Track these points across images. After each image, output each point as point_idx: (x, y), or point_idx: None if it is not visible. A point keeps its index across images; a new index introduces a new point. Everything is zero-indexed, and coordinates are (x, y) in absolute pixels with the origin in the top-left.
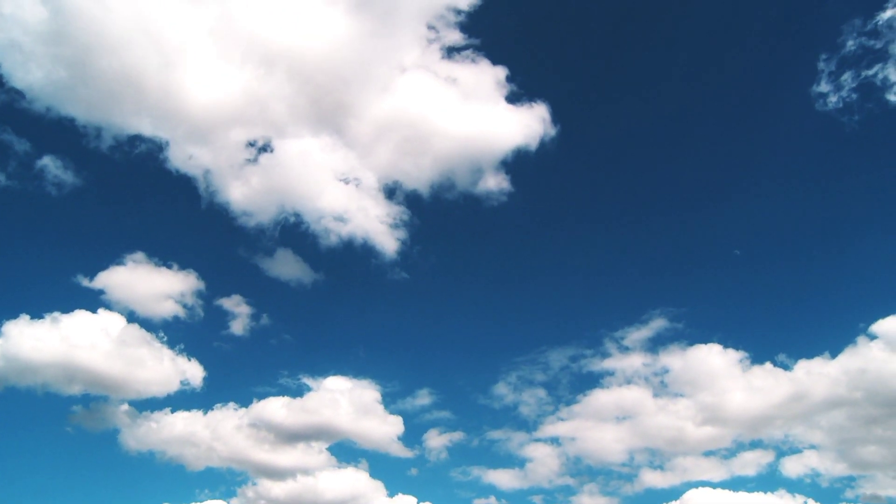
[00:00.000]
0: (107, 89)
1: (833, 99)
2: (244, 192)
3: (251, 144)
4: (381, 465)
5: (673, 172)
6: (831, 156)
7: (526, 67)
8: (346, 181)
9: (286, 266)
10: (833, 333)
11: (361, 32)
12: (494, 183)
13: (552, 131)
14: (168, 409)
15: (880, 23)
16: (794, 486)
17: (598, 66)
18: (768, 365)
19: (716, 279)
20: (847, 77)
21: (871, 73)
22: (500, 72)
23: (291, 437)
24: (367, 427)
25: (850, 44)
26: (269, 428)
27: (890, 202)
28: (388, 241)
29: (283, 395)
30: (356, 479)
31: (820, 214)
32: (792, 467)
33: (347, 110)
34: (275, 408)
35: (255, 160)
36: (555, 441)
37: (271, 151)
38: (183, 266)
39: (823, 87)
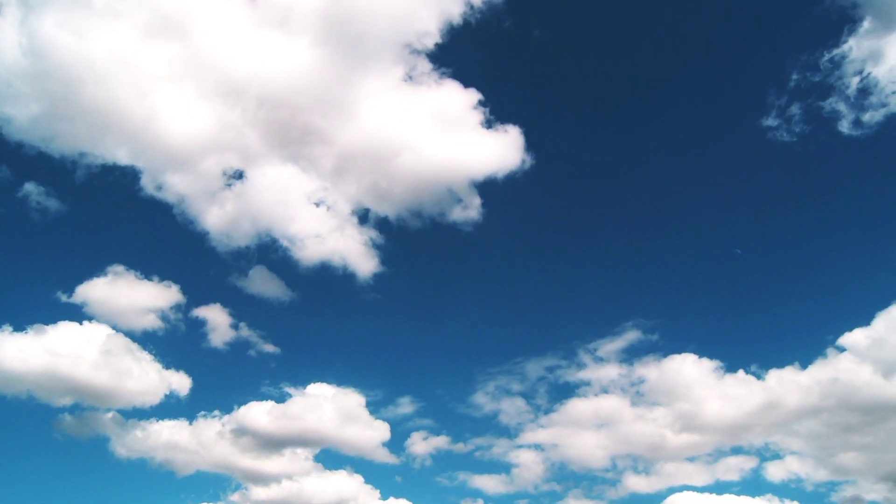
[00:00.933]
0: (84, 120)
1: (784, 131)
2: (220, 217)
3: (225, 172)
4: (366, 472)
5: (642, 193)
6: (798, 179)
7: (498, 93)
8: (319, 205)
9: (264, 285)
10: (802, 345)
11: (331, 60)
12: (468, 204)
13: (524, 154)
14: (154, 419)
15: (826, 59)
16: (778, 490)
17: (568, 93)
18: (741, 373)
19: (687, 293)
20: (795, 109)
21: (820, 105)
22: (473, 97)
23: (277, 443)
24: (352, 433)
25: (798, 78)
26: (255, 435)
27: (849, 224)
28: (362, 263)
29: (267, 403)
30: (344, 483)
31: (788, 234)
32: (775, 472)
33: (318, 137)
34: (259, 415)
35: (229, 186)
36: (538, 447)
37: (244, 179)
38: (163, 278)
39: (772, 121)
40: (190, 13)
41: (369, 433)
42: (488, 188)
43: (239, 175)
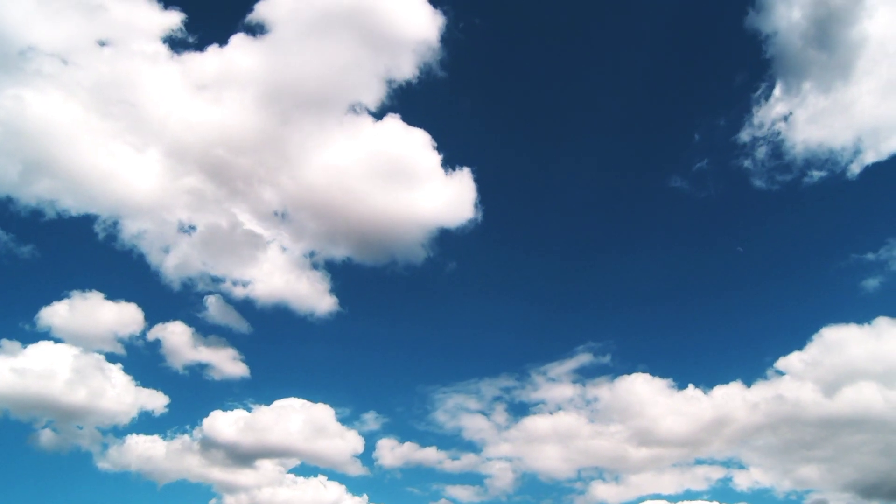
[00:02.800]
0: (50, 175)
1: (708, 182)
2: (175, 262)
3: (179, 221)
4: (339, 482)
5: (586, 228)
6: (735, 220)
7: (450, 137)
8: (270, 247)
9: (224, 317)
10: (746, 366)
11: (277, 113)
12: (420, 244)
13: (475, 194)
14: (130, 434)
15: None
16: (749, 498)
17: (514, 138)
18: (690, 390)
19: (633, 318)
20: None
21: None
22: (425, 140)
23: (250, 455)
24: (324, 445)
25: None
26: (227, 447)
27: (780, 258)
28: (316, 302)
29: (237, 416)
30: (318, 493)
31: (724, 266)
32: (742, 482)
33: (267, 185)
34: (230, 428)
35: (186, 231)
36: (507, 459)
37: (194, 229)
38: (129, 300)
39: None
40: (138, 78)
41: (341, 445)
42: (439, 230)
43: (191, 227)
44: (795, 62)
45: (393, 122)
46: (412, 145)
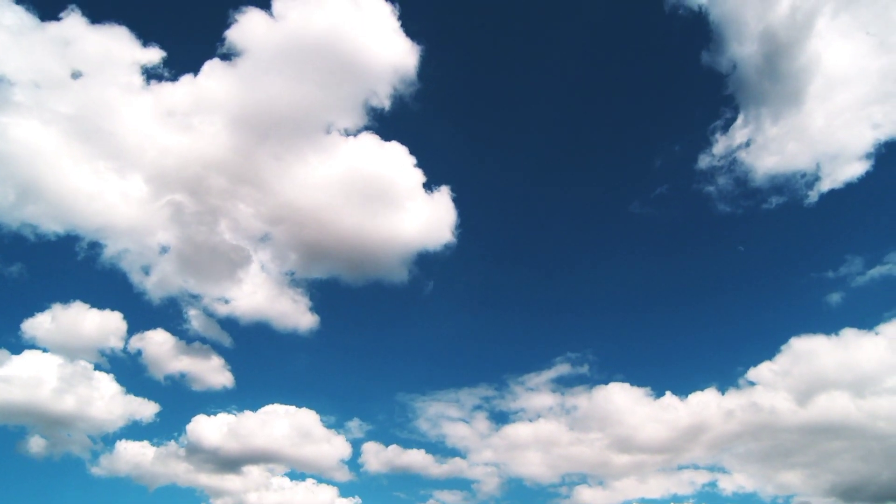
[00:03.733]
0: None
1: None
2: (156, 279)
3: (160, 243)
4: (327, 487)
5: (562, 244)
6: (702, 238)
7: (429, 157)
8: (251, 268)
9: (207, 330)
10: (720, 375)
11: (258, 133)
12: (398, 263)
13: (454, 214)
14: (119, 440)
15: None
16: (735, 502)
17: (492, 158)
18: (668, 399)
19: (610, 329)
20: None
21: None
22: (404, 160)
23: (238, 460)
24: (311, 451)
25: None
26: (215, 453)
27: (749, 276)
28: (298, 318)
29: (225, 423)
30: (307, 496)
31: (697, 278)
32: (726, 487)
33: (249, 203)
34: (217, 434)
35: (163, 253)
36: (493, 465)
37: (173, 250)
38: (113, 308)
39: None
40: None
41: (328, 450)
42: (419, 250)
43: (164, 249)
44: (752, 93)
45: (370, 142)
46: (390, 165)
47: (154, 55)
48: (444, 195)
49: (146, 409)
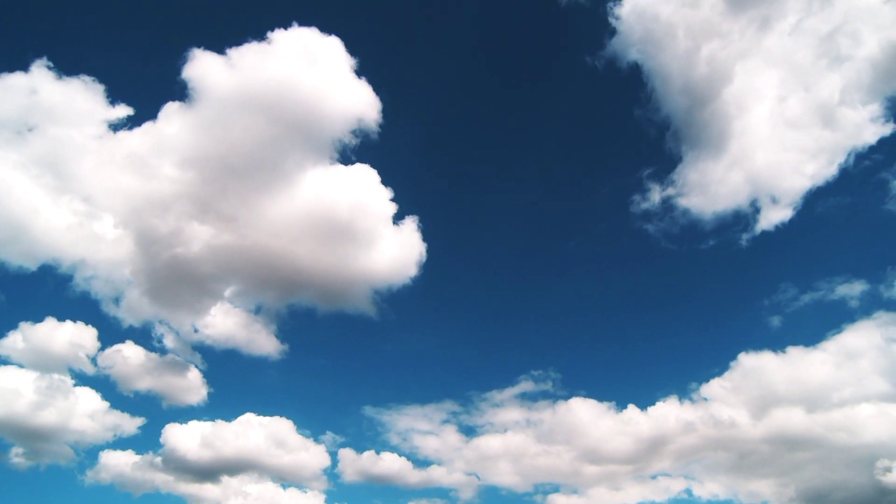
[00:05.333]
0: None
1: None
2: (126, 307)
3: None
4: (306, 495)
5: (524, 273)
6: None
7: (396, 190)
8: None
9: (180, 350)
10: (676, 388)
11: (217, 173)
12: (367, 292)
13: (421, 244)
14: (102, 451)
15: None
16: None
17: (462, 190)
18: (630, 412)
19: (571, 348)
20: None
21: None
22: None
23: (216, 469)
24: (288, 461)
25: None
26: (194, 463)
27: (696, 301)
28: (265, 346)
29: (203, 433)
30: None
31: (642, 307)
32: (700, 494)
33: (214, 237)
34: (195, 444)
35: (131, 285)
36: (467, 474)
37: (136, 285)
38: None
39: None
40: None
41: (306, 460)
42: (383, 282)
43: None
44: (683, 140)
45: (331, 179)
46: (352, 202)
47: (120, 109)
48: (410, 227)
49: (125, 421)
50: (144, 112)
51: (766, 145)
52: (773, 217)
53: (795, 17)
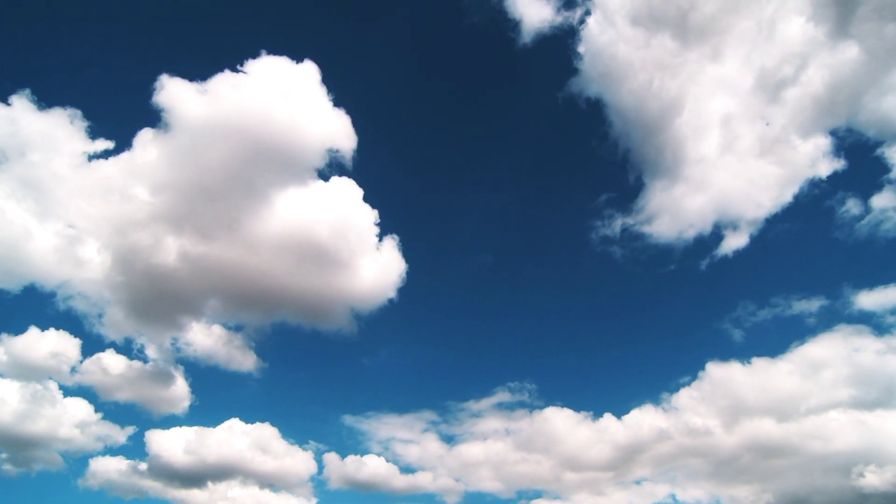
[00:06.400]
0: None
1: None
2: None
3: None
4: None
5: (496, 291)
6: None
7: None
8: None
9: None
10: (648, 397)
11: (195, 198)
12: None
13: (402, 264)
14: (91, 458)
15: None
16: None
17: (441, 220)
18: (606, 420)
19: (545, 360)
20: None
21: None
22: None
23: (203, 475)
24: (274, 467)
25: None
26: (179, 469)
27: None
28: (244, 363)
29: (187, 439)
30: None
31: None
32: (682, 498)
33: (193, 259)
34: (180, 451)
35: (112, 305)
36: (453, 481)
37: (117, 305)
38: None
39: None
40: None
41: (291, 466)
42: (362, 303)
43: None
44: (644, 171)
45: (307, 203)
46: (331, 224)
47: (99, 140)
48: (389, 246)
49: (109, 429)
50: (122, 139)
51: (718, 174)
52: (731, 242)
53: (743, 50)
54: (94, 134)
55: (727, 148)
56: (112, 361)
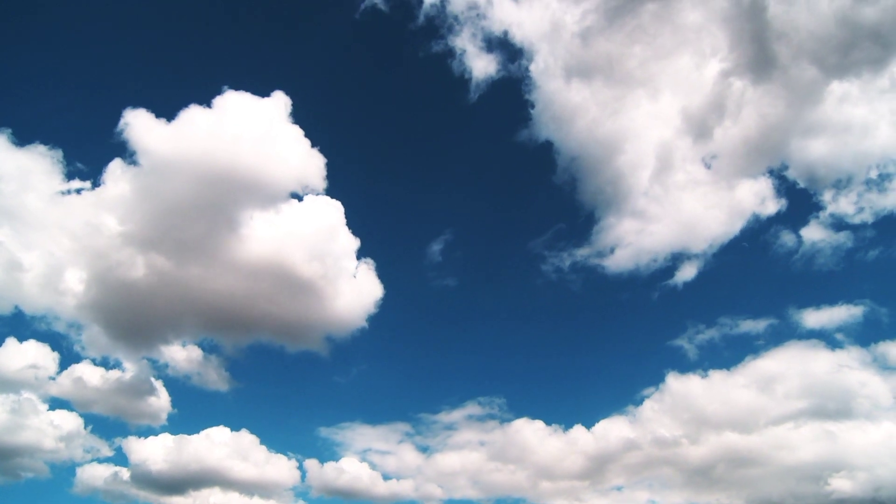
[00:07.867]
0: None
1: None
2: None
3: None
4: None
5: (466, 310)
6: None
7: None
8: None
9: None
10: (615, 407)
11: (170, 227)
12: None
13: (378, 286)
14: (77, 466)
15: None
16: None
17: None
18: (576, 431)
19: (514, 375)
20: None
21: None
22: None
23: (185, 482)
24: (256, 474)
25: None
26: (159, 477)
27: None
28: (218, 384)
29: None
30: None
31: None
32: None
33: (171, 283)
34: (160, 458)
35: (88, 328)
36: (431, 490)
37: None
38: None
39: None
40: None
41: (273, 474)
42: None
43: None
44: (598, 205)
45: (281, 230)
46: (305, 250)
47: (73, 173)
48: (365, 271)
49: (90, 440)
50: (95, 173)
51: (664, 209)
52: (682, 274)
53: (677, 92)
54: (68, 168)
55: (669, 184)
56: (89, 372)
